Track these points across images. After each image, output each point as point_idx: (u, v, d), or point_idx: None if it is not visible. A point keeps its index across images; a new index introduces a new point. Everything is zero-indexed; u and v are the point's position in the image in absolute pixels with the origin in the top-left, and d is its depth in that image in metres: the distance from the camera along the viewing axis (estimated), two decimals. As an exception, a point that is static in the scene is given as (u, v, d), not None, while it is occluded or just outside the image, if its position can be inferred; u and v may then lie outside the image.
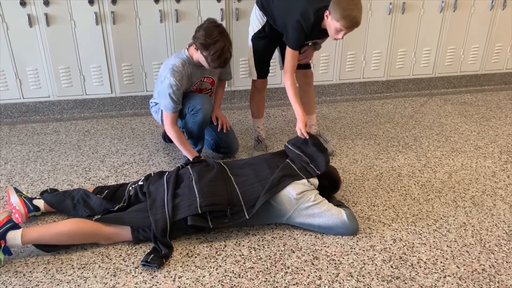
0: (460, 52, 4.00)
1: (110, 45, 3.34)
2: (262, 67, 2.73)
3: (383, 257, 1.98)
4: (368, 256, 1.99)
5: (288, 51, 2.47)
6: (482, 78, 4.21)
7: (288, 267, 1.92)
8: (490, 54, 4.08)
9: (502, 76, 4.25)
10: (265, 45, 2.66)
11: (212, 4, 3.34)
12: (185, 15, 3.34)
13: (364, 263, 1.94)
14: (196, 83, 2.63)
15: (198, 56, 2.47)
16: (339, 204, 2.22)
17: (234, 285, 1.82)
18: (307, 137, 2.35)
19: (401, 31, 3.77)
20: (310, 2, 2.36)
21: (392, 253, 2.01)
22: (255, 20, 2.63)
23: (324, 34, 2.46)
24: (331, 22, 2.27)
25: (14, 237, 1.88)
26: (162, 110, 2.59)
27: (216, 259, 1.97)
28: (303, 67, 2.81)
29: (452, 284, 1.83)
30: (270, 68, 2.81)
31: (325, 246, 2.04)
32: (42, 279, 1.84)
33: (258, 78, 2.75)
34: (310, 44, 2.68)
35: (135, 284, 1.82)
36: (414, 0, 3.66)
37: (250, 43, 2.68)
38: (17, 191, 2.22)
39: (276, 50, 2.78)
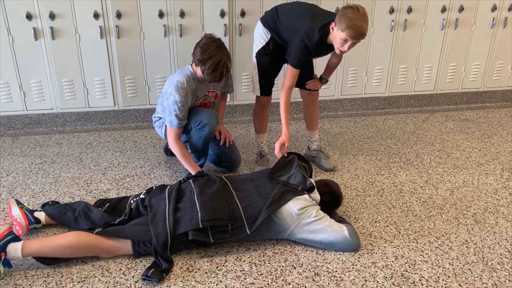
0: (462, 69, 4.02)
1: (114, 59, 3.37)
2: (266, 84, 2.74)
3: (385, 274, 1.97)
4: (369, 273, 1.97)
5: (289, 69, 2.48)
6: (484, 95, 4.23)
7: (289, 283, 1.90)
8: (491, 71, 4.10)
9: (504, 93, 4.26)
10: (270, 62, 2.67)
11: (215, 19, 3.38)
12: (189, 30, 3.38)
13: (365, 280, 1.93)
14: (201, 97, 2.65)
15: (198, 71, 2.50)
16: (340, 220, 2.21)
17: (235, 301, 1.81)
18: (279, 156, 2.39)
19: (403, 48, 3.80)
20: (314, 19, 2.39)
21: (394, 270, 2.00)
22: (259, 37, 2.64)
23: (329, 49, 2.48)
24: (337, 33, 2.28)
25: (15, 249, 1.88)
26: (166, 125, 2.60)
27: (217, 274, 1.96)
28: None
29: (455, 302, 1.82)
30: (275, 81, 2.81)
31: (326, 262, 2.03)
32: (42, 292, 1.83)
33: (261, 95, 2.76)
34: (320, 78, 2.82)
35: (135, 298, 1.81)
36: (415, 18, 3.70)
37: (254, 60, 2.69)
38: (18, 203, 2.22)
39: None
